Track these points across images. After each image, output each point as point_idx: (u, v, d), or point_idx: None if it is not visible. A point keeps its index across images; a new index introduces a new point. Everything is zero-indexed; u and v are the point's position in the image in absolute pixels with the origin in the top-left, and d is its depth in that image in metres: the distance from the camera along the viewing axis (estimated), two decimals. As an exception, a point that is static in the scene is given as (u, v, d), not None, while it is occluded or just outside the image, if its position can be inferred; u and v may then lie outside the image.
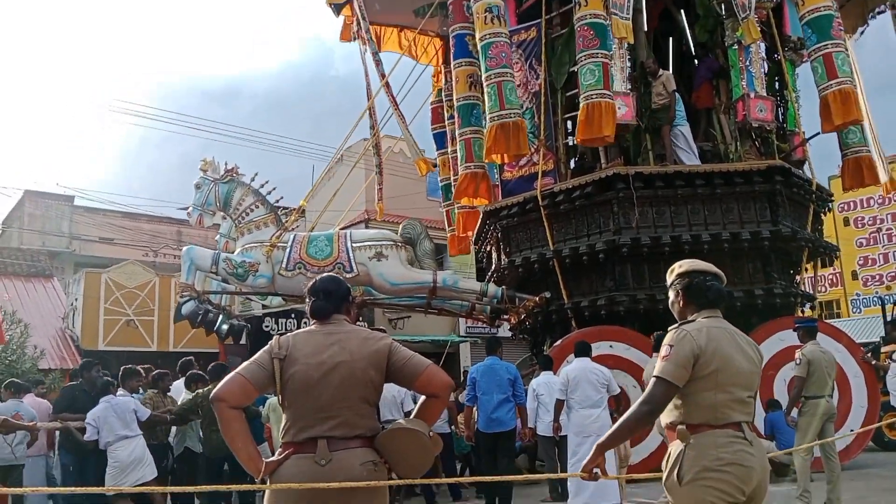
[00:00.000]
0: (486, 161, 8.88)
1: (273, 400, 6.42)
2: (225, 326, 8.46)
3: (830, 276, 29.38)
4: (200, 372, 7.48)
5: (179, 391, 7.60)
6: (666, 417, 2.60)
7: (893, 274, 27.30)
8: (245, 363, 2.56)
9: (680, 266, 2.81)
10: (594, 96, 7.58)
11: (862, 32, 11.34)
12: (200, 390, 6.67)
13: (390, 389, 6.04)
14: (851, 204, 27.75)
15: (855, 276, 28.49)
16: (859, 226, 28.48)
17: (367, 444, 2.47)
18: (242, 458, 2.48)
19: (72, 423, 6.26)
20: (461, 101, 9.38)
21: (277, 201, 8.48)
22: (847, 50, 8.58)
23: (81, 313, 14.27)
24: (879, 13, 10.82)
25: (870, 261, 28.28)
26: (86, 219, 17.73)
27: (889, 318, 10.73)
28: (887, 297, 17.57)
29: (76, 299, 14.55)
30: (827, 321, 6.89)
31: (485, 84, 8.20)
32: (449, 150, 11.19)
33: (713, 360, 2.53)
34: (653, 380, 2.57)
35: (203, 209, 8.30)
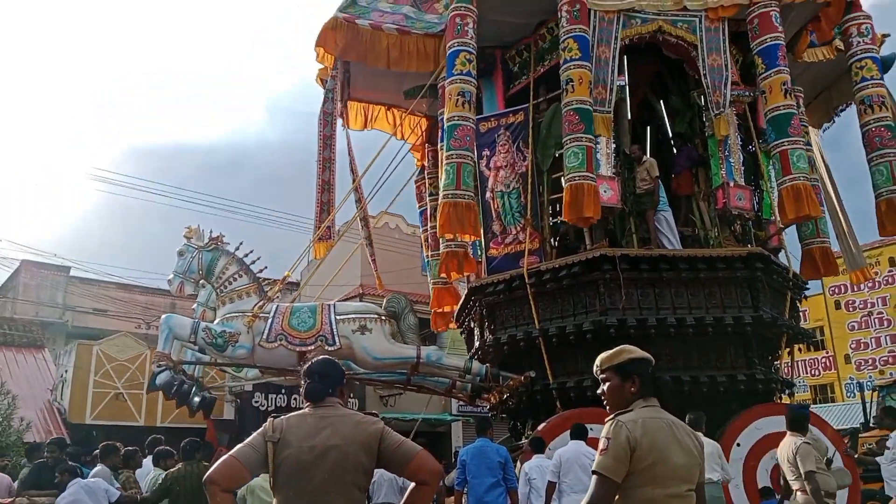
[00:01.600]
0: (445, 237, 8.97)
1: (253, 483, 6.14)
2: (197, 399, 8.17)
3: (823, 360, 29.57)
4: (169, 448, 7.19)
5: (148, 470, 7.28)
6: None
7: (886, 358, 27.45)
8: (238, 445, 2.55)
9: (630, 352, 2.73)
10: (577, 178, 7.80)
11: (826, 129, 11.97)
12: (171, 470, 6.34)
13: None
14: (842, 287, 27.90)
15: (848, 359, 28.64)
16: (850, 309, 28.81)
17: None
18: None
19: (38, 500, 5.91)
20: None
21: (261, 271, 8.39)
22: (807, 146, 9.03)
23: (71, 385, 14.06)
24: (842, 110, 11.47)
25: (862, 344, 28.47)
26: (80, 289, 17.82)
27: (871, 404, 10.85)
28: (867, 384, 17.82)
29: (66, 371, 14.43)
30: (811, 409, 6.89)
31: (444, 162, 8.40)
32: (429, 226, 11.29)
33: (649, 453, 2.47)
34: (594, 477, 2.51)
35: (185, 276, 8.17)
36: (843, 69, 9.92)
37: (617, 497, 2.50)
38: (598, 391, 2.75)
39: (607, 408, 2.69)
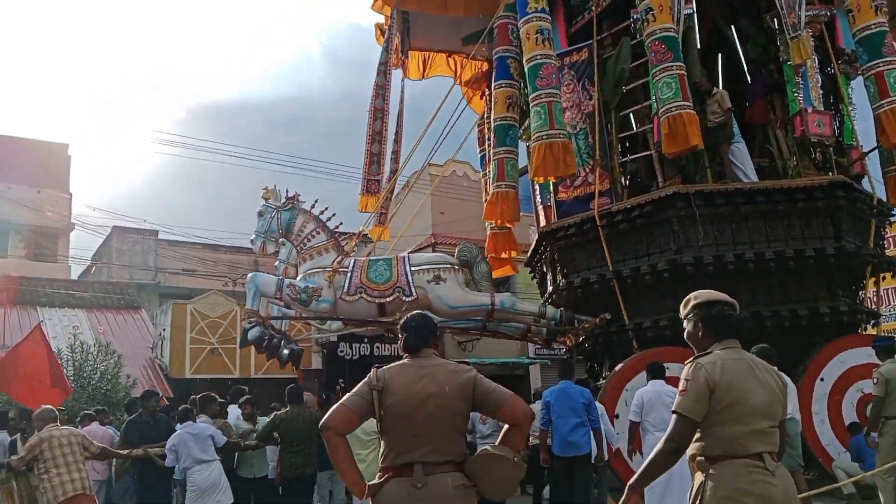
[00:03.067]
0: (536, 180, 8.88)
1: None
2: (286, 351, 8.58)
3: None
4: (250, 397, 7.75)
5: (233, 416, 7.80)
6: (688, 450, 2.64)
7: None
8: (348, 394, 2.81)
9: (696, 297, 2.83)
10: (674, 108, 7.60)
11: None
12: (279, 413, 6.80)
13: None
14: None
15: None
16: None
17: (457, 469, 2.69)
18: (348, 480, 2.77)
19: (152, 450, 6.41)
20: (497, 122, 9.50)
21: (337, 227, 8.61)
22: None
23: (169, 343, 14.88)
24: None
25: None
26: (169, 251, 18.68)
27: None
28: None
29: (164, 329, 15.33)
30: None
31: (532, 103, 8.26)
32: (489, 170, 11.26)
33: (728, 393, 2.55)
34: (673, 416, 2.62)
35: (266, 236, 8.48)
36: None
37: (700, 435, 2.60)
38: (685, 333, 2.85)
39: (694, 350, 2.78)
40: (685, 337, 2.83)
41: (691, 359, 2.68)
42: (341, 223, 8.65)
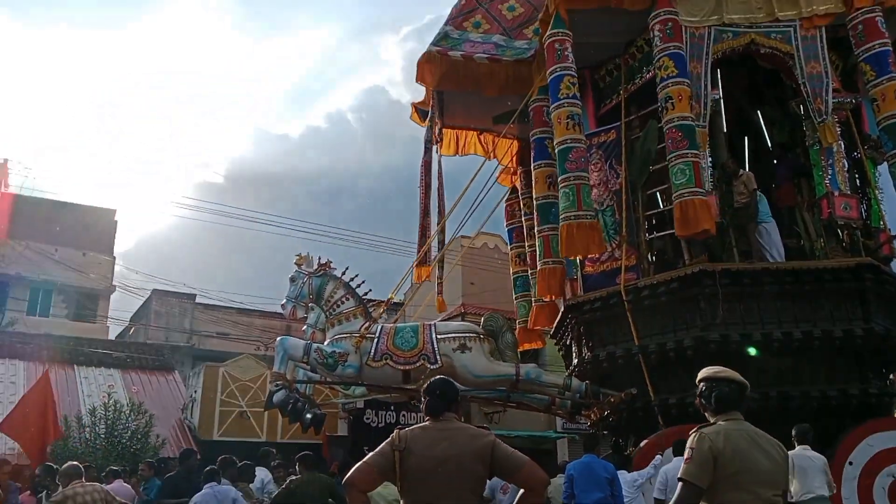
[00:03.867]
0: (564, 257, 9.05)
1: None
2: (308, 416, 8.66)
3: None
4: (281, 461, 7.81)
5: (261, 479, 7.86)
6: None
7: None
8: (371, 453, 2.94)
9: (703, 372, 3.08)
10: (686, 194, 7.81)
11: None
12: (294, 478, 6.85)
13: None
14: None
15: None
16: None
17: None
18: None
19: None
20: (540, 200, 9.76)
21: (366, 294, 8.81)
22: None
23: (200, 404, 15.22)
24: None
25: None
26: (204, 315, 19.25)
27: None
28: None
29: (195, 391, 15.67)
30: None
31: (561, 185, 8.52)
32: (526, 245, 11.49)
33: (733, 461, 2.68)
34: (679, 484, 2.71)
35: (296, 301, 8.70)
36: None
37: (706, 502, 2.66)
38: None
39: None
40: (698, 404, 2.96)
41: (696, 429, 2.81)
42: (370, 290, 8.86)
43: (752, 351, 7.59)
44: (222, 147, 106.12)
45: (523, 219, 11.50)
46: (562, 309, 9.78)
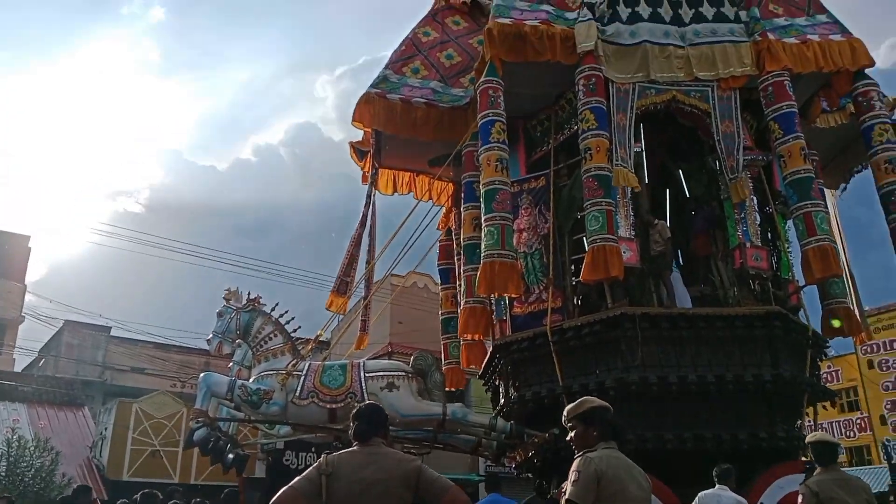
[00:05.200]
0: (482, 295, 9.25)
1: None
2: (231, 456, 8.44)
3: (859, 421, 28.71)
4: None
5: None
6: None
7: None
8: (297, 478, 2.90)
9: (590, 401, 3.35)
10: (598, 240, 8.17)
11: (844, 189, 12.22)
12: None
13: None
14: (875, 347, 27.51)
15: (883, 420, 27.80)
16: (884, 369, 28.10)
17: None
18: None
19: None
20: (466, 241, 9.99)
21: (295, 331, 8.75)
22: (826, 208, 9.29)
23: (110, 442, 14.56)
24: (857, 172, 11.73)
25: None
26: (120, 349, 18.47)
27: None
28: (893, 444, 17.36)
29: (106, 428, 14.98)
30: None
31: (486, 224, 8.74)
32: (457, 285, 11.65)
33: (612, 483, 2.98)
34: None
35: (223, 337, 8.57)
36: (857, 133, 10.22)
37: None
38: (567, 438, 3.21)
39: (575, 451, 3.23)
40: (574, 436, 3.17)
41: (581, 453, 3.10)
42: (300, 327, 8.81)
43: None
44: (145, 176, 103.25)
45: (455, 259, 11.68)
46: (490, 349, 9.93)
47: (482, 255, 8.61)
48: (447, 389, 11.55)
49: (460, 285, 10.73)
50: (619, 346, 8.26)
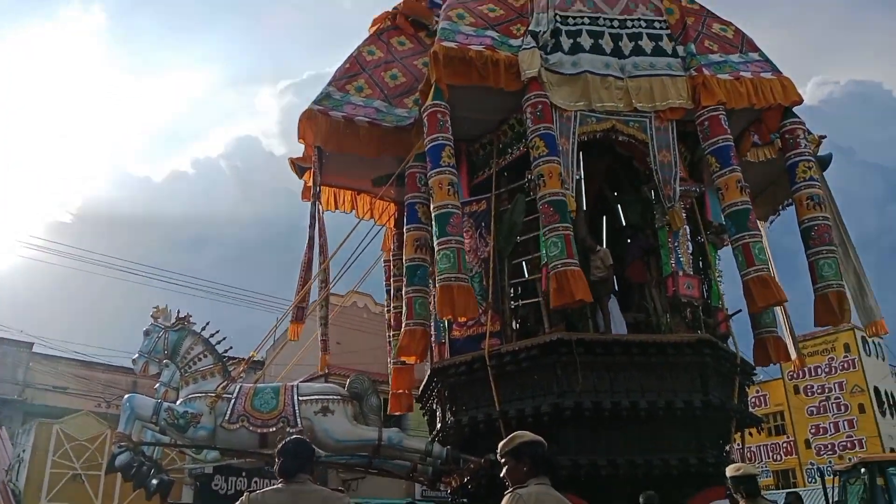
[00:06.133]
0: (443, 318, 9.17)
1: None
2: (154, 481, 8.10)
3: (785, 445, 29.58)
4: None
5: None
6: None
7: (845, 443, 27.58)
8: None
9: (523, 436, 3.27)
10: (560, 265, 8.18)
11: (772, 221, 12.70)
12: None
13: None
14: (801, 373, 28.36)
15: (808, 444, 28.67)
16: (809, 394, 29.02)
17: None
18: None
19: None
20: (408, 263, 9.88)
21: (226, 351, 8.49)
22: (762, 239, 9.61)
23: (28, 466, 13.74)
24: (788, 205, 12.20)
25: (821, 429, 28.60)
26: (42, 366, 17.42)
27: (833, 489, 11.06)
28: (827, 469, 17.95)
29: (24, 451, 14.12)
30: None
31: (440, 247, 8.65)
32: (392, 305, 11.55)
33: None
34: None
35: (150, 356, 8.25)
36: (785, 167, 10.61)
37: None
38: (500, 474, 3.18)
39: (508, 486, 3.13)
40: (506, 471, 3.14)
41: (511, 489, 3.04)
42: (231, 347, 8.55)
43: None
44: (77, 186, 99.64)
45: (392, 281, 11.59)
46: (428, 372, 9.85)
47: (438, 278, 8.53)
48: (396, 413, 11.44)
49: (399, 306, 10.63)
50: (555, 371, 8.31)
